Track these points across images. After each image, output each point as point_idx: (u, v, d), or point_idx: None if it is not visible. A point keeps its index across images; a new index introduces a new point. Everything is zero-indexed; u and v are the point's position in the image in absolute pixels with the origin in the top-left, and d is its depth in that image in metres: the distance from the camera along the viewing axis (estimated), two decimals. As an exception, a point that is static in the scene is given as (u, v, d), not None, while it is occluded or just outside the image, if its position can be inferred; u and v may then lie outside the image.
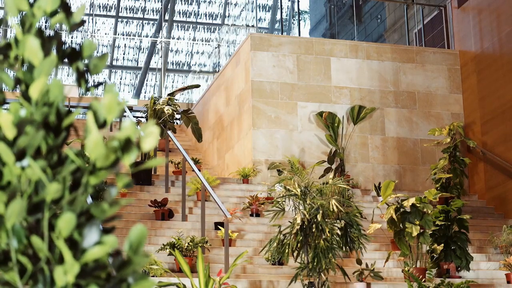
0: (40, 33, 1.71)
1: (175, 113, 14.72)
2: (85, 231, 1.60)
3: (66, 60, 1.76)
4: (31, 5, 1.71)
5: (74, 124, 1.67)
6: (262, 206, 12.36)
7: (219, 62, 24.22)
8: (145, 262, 1.59)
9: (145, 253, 1.60)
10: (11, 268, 1.58)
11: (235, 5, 26.56)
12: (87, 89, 1.74)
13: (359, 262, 9.19)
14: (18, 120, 1.62)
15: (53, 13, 1.73)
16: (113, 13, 26.32)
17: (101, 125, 1.65)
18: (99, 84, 1.73)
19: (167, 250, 9.39)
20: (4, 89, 1.74)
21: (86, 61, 1.76)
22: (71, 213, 1.57)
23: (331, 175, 12.45)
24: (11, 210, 1.57)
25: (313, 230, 8.46)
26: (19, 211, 1.57)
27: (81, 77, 1.74)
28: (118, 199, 1.61)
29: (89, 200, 9.15)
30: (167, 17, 26.16)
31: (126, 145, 1.61)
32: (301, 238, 8.51)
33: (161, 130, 14.89)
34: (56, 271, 1.55)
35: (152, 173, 13.75)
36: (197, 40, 26.19)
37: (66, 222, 1.57)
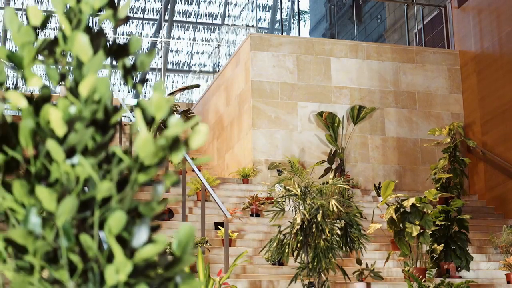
0: (88, 29, 1.69)
1: (175, 113, 14.72)
2: (135, 229, 1.58)
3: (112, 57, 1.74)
4: (78, 1, 1.69)
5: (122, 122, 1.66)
6: (262, 206, 12.36)
7: (219, 62, 24.23)
8: (193, 260, 1.57)
9: (193, 252, 1.58)
10: (61, 267, 1.56)
11: (235, 5, 26.56)
12: (134, 86, 1.72)
13: (359, 262, 9.19)
14: (68, 117, 1.60)
15: (100, 9, 1.71)
16: (113, 13, 26.32)
17: (149, 123, 1.64)
18: (146, 81, 1.72)
19: (167, 250, 9.39)
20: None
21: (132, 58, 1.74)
22: (121, 211, 1.56)
23: (331, 175, 12.45)
24: (63, 208, 1.54)
25: (313, 230, 8.46)
26: (71, 209, 1.55)
27: (127, 74, 1.71)
28: (166, 197, 1.60)
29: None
30: (167, 17, 26.16)
31: (174, 143, 1.60)
32: (301, 238, 8.51)
33: (161, 130, 14.90)
34: (107, 269, 1.53)
35: (152, 173, 13.76)
36: (197, 40, 26.19)
37: (117, 220, 1.55)
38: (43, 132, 1.62)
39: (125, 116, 16.85)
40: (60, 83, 1.70)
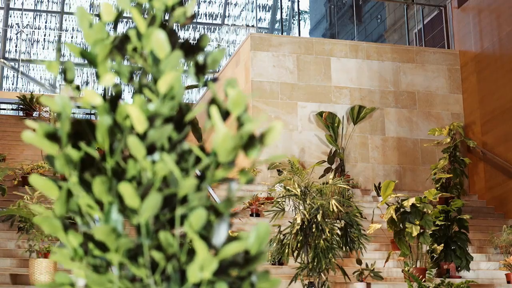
0: (163, 26, 1.67)
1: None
2: (215, 227, 1.56)
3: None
4: None
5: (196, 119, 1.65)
6: (262, 206, 12.36)
7: (219, 62, 24.21)
8: (266, 258, 1.56)
9: (266, 250, 1.57)
10: (142, 264, 1.54)
11: (235, 5, 26.56)
12: (205, 84, 1.71)
13: (359, 262, 9.19)
14: (148, 114, 1.59)
15: (173, 7, 1.70)
16: (113, 13, 26.31)
17: (224, 119, 1.62)
18: (216, 79, 1.71)
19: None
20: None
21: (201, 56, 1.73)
22: (202, 208, 1.54)
23: (331, 175, 12.45)
24: (147, 204, 1.53)
25: (313, 230, 8.46)
26: (155, 206, 1.53)
27: (199, 72, 1.69)
28: (242, 196, 1.60)
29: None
30: (167, 17, 26.14)
31: (250, 140, 1.59)
32: (301, 238, 8.51)
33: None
34: (190, 267, 1.51)
35: (152, 173, 13.74)
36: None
37: (198, 218, 1.54)
38: (118, 129, 1.61)
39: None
40: (131, 80, 1.69)
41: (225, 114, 1.65)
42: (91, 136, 1.64)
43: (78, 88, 1.71)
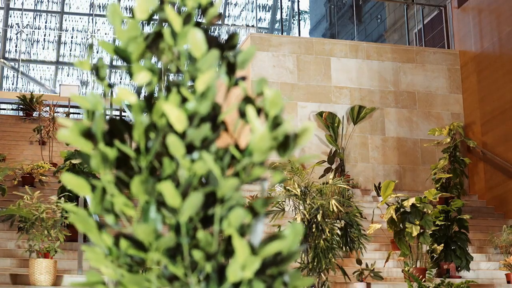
0: (198, 25, 1.66)
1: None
2: (252, 226, 1.56)
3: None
4: None
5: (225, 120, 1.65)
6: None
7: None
8: (297, 258, 1.56)
9: (298, 250, 1.57)
10: (181, 263, 1.54)
11: (235, 5, 26.56)
12: (235, 83, 1.70)
13: (359, 262, 9.19)
14: (188, 113, 1.58)
15: (205, 5, 1.68)
16: (113, 13, 26.31)
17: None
18: (244, 78, 1.70)
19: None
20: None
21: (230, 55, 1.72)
22: (240, 208, 1.54)
23: (331, 175, 12.45)
24: (188, 204, 1.52)
25: (313, 230, 8.46)
26: (196, 205, 1.53)
27: (230, 71, 1.69)
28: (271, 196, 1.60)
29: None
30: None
31: (285, 140, 1.59)
32: (301, 238, 8.51)
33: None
34: (231, 266, 1.50)
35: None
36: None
37: (237, 217, 1.53)
38: (153, 128, 1.60)
39: (124, 116, 16.84)
40: (160, 79, 1.68)
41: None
42: (125, 134, 1.63)
43: (110, 86, 1.71)
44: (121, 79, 26.61)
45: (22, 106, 18.26)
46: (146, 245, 1.54)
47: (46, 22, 26.05)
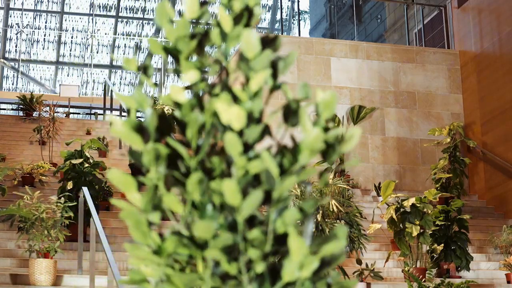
0: (247, 25, 1.67)
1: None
2: (305, 226, 1.55)
3: None
4: None
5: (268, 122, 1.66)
6: (263, 206, 12.35)
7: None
8: (343, 259, 1.56)
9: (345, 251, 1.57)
10: (237, 262, 1.54)
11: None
12: (277, 87, 1.71)
13: (359, 262, 9.19)
14: (246, 112, 1.59)
15: (252, 6, 1.68)
16: (113, 13, 26.31)
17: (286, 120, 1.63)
18: (285, 83, 1.71)
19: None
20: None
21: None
22: (295, 208, 1.54)
23: (331, 175, 12.45)
24: (249, 202, 1.52)
25: (313, 230, 8.46)
26: (256, 204, 1.53)
27: (276, 73, 1.68)
28: (318, 197, 1.60)
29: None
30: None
31: (331, 146, 1.60)
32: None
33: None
34: (287, 265, 1.50)
35: (152, 173, 13.72)
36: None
37: (291, 216, 1.53)
38: (204, 126, 1.61)
39: (124, 116, 16.84)
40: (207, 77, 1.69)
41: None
42: (175, 132, 1.63)
43: (156, 85, 1.71)
44: (120, 79, 26.61)
45: (22, 106, 18.27)
46: (200, 242, 1.54)
47: (46, 22, 26.05)
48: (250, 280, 1.54)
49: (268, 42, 1.68)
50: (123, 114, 16.63)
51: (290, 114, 1.63)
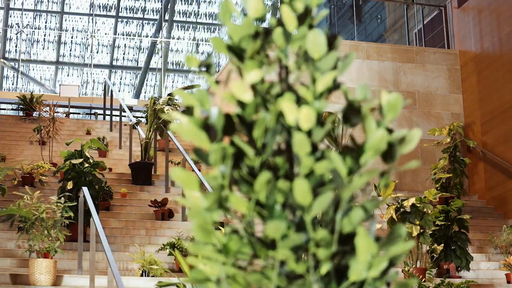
0: (310, 26, 1.66)
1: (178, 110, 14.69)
2: (369, 225, 1.55)
3: None
4: None
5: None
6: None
7: (219, 62, 24.22)
8: (402, 260, 1.56)
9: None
10: (305, 261, 1.53)
11: (235, 5, 26.55)
12: (338, 87, 1.70)
13: (359, 262, 9.19)
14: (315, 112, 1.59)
15: (313, 6, 1.68)
16: (113, 13, 26.31)
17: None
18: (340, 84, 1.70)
19: (167, 250, 9.38)
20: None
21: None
22: (359, 208, 1.54)
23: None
24: (320, 202, 1.52)
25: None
26: (326, 204, 1.52)
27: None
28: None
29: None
30: (167, 17, 26.14)
31: (391, 148, 1.59)
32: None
33: (161, 130, 14.89)
34: (355, 265, 1.50)
35: (152, 173, 13.74)
36: (197, 40, 26.18)
37: (357, 216, 1.53)
38: (269, 125, 1.60)
39: (124, 116, 16.84)
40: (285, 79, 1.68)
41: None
42: (239, 131, 1.63)
43: (217, 83, 1.71)
44: (120, 79, 26.61)
45: (22, 106, 18.27)
46: (267, 242, 1.54)
47: (46, 22, 26.05)
48: (316, 279, 1.53)
49: (328, 43, 1.68)
50: (123, 114, 16.61)
51: (351, 114, 1.62)
